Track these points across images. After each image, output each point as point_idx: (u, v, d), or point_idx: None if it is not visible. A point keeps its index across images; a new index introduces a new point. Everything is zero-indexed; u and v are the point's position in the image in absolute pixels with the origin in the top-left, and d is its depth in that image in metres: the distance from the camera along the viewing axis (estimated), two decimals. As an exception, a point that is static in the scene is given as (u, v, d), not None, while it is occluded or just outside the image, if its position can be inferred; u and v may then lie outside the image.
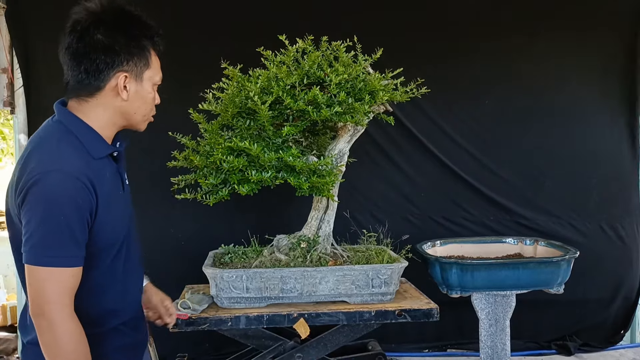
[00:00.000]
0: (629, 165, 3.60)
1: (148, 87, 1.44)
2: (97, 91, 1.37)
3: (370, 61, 2.35)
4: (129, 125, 1.48)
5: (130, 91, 1.39)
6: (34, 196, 1.25)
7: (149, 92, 1.45)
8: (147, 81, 1.43)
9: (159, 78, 1.48)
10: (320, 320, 2.25)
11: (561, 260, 2.53)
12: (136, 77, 1.40)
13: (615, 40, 3.53)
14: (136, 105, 1.43)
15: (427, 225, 3.46)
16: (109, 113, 1.40)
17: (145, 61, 1.42)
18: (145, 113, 1.47)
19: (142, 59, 1.41)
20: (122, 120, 1.44)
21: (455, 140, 3.45)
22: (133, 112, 1.43)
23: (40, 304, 1.25)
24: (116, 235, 1.45)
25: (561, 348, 3.49)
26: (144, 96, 1.44)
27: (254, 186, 2.17)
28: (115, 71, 1.36)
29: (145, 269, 1.68)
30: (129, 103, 1.41)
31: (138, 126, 1.50)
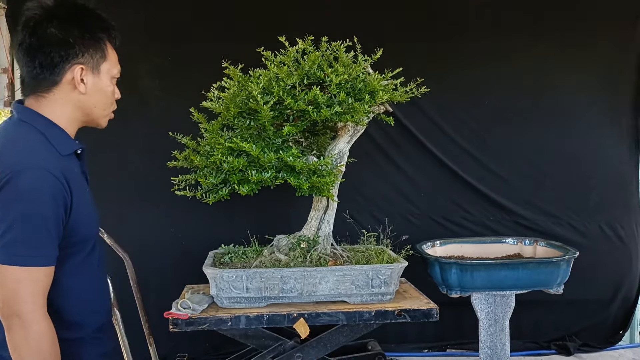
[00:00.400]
0: (628, 165, 3.60)
1: (106, 80, 1.43)
2: (54, 86, 1.36)
3: (370, 61, 2.35)
4: (89, 121, 1.47)
5: (87, 84, 1.38)
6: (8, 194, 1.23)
7: (108, 85, 1.44)
8: (104, 74, 1.42)
9: (117, 71, 1.47)
10: (320, 320, 2.25)
11: (561, 260, 2.54)
12: (93, 69, 1.39)
13: (615, 40, 3.53)
14: (95, 99, 1.42)
15: (427, 225, 3.46)
16: (69, 108, 1.39)
17: (101, 53, 1.41)
18: (105, 107, 1.46)
19: (98, 51, 1.40)
20: (82, 116, 1.43)
21: (455, 140, 3.45)
22: (93, 106, 1.42)
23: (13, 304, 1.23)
24: (90, 230, 1.44)
25: (561, 348, 3.50)
26: (103, 89, 1.43)
27: (254, 186, 2.17)
28: (71, 64, 1.35)
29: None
30: (87, 97, 1.40)
31: (99, 122, 1.49)
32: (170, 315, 2.22)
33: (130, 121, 3.28)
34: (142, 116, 3.29)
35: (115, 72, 1.45)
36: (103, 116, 1.47)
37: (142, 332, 2.50)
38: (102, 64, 1.41)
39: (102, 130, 3.59)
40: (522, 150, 3.50)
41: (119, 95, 1.50)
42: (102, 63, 1.41)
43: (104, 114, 1.47)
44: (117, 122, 3.34)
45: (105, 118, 1.49)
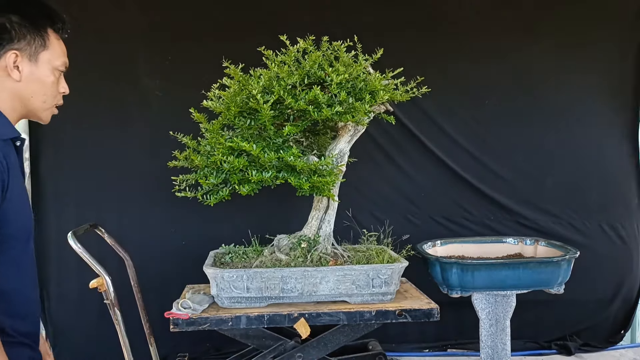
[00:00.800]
0: (629, 165, 3.60)
1: (45, 70, 1.37)
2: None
3: (371, 61, 2.35)
4: (29, 113, 1.40)
5: (23, 72, 1.33)
6: None
7: (47, 75, 1.37)
8: (44, 63, 1.36)
9: (60, 63, 1.40)
10: (320, 320, 2.25)
11: (561, 260, 2.53)
12: (30, 57, 1.34)
13: (615, 40, 3.53)
14: (32, 88, 1.36)
15: (428, 225, 3.46)
16: (5, 95, 1.34)
17: (41, 42, 1.35)
18: (44, 99, 1.39)
19: (37, 39, 1.35)
20: (20, 106, 1.37)
21: (456, 140, 3.45)
22: (30, 96, 1.36)
23: None
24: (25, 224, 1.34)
25: (561, 348, 3.49)
26: (41, 79, 1.37)
27: (254, 186, 2.17)
28: (5, 49, 1.31)
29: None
30: (23, 85, 1.34)
31: (39, 114, 1.41)
32: (170, 315, 2.22)
33: (131, 121, 3.29)
34: (142, 116, 3.30)
35: (58, 63, 1.39)
36: (43, 109, 1.40)
37: (142, 331, 2.50)
38: (42, 52, 1.36)
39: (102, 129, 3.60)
40: (523, 150, 3.50)
41: (65, 89, 1.45)
42: (41, 52, 1.36)
43: (43, 106, 1.40)
44: (117, 122, 3.38)
45: (46, 112, 1.42)
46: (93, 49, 3.26)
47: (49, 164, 3.29)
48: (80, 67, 3.26)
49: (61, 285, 3.28)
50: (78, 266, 3.02)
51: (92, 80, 3.28)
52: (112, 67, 3.29)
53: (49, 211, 3.28)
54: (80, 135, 3.28)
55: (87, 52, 3.27)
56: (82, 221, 2.59)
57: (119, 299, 2.19)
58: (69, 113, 3.29)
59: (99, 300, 2.17)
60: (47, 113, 1.42)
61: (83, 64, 3.27)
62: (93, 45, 3.27)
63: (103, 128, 3.28)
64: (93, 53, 3.26)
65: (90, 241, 2.35)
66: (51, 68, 1.38)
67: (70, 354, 3.28)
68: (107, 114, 3.28)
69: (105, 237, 2.47)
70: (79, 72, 3.26)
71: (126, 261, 2.47)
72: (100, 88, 3.29)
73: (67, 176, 3.29)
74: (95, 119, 3.28)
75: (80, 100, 3.29)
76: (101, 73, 3.28)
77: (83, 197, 3.26)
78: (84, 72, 3.28)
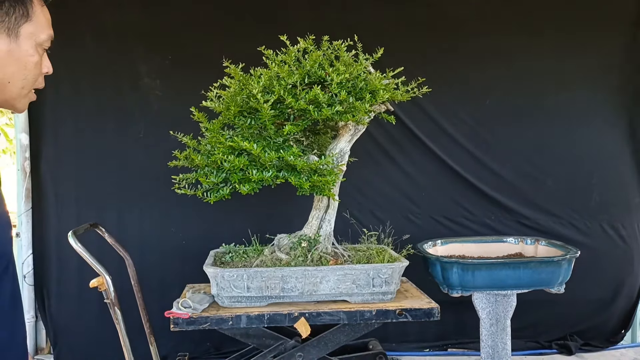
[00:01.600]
0: (629, 164, 3.59)
1: (28, 47, 1.07)
2: None
3: (371, 60, 2.35)
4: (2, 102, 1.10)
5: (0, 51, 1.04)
6: None
7: (30, 54, 1.08)
8: (25, 39, 1.07)
9: (46, 36, 1.11)
10: (321, 319, 2.25)
11: (562, 259, 2.53)
12: (9, 31, 1.04)
13: (615, 40, 3.53)
14: (9, 71, 1.06)
15: (428, 224, 3.46)
16: None
17: (23, 11, 1.06)
18: (23, 84, 1.09)
19: (17, 8, 1.05)
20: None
21: (456, 140, 3.45)
22: (6, 82, 1.06)
23: None
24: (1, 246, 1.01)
25: (562, 347, 3.49)
26: (21, 59, 1.07)
27: (255, 185, 2.17)
28: None
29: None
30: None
31: (14, 103, 1.10)
32: (171, 314, 2.22)
33: (131, 120, 3.29)
34: (142, 115, 3.30)
35: (43, 37, 1.10)
36: (20, 96, 1.09)
37: (143, 331, 2.50)
38: (24, 25, 1.06)
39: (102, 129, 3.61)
40: (523, 150, 3.50)
41: (49, 69, 1.15)
42: (22, 24, 1.06)
43: (21, 92, 1.09)
44: (118, 121, 3.38)
45: (24, 99, 1.11)
46: (93, 49, 3.27)
47: (49, 163, 3.29)
48: (80, 67, 3.28)
49: (61, 285, 3.28)
50: (78, 265, 3.03)
51: (93, 80, 3.28)
52: (112, 66, 3.29)
53: (49, 211, 3.29)
54: (81, 134, 3.28)
55: (87, 52, 3.28)
56: (82, 220, 2.59)
57: (119, 298, 2.19)
58: (70, 113, 3.33)
59: (99, 300, 2.17)
60: (25, 101, 1.12)
61: (83, 64, 3.28)
62: (93, 45, 3.27)
63: (103, 127, 3.28)
64: (93, 53, 3.27)
65: (91, 240, 2.35)
66: (35, 44, 1.09)
67: (71, 353, 3.28)
68: (107, 114, 3.28)
69: (105, 237, 2.47)
70: (79, 72, 3.29)
71: (126, 260, 2.47)
72: (100, 88, 3.29)
73: (67, 175, 3.29)
74: (96, 119, 3.28)
75: (80, 100, 3.30)
76: (101, 73, 3.29)
77: (83, 197, 3.26)
78: (84, 72, 3.29)
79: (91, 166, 3.27)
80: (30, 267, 3.34)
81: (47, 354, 3.44)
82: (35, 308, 3.38)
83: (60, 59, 3.30)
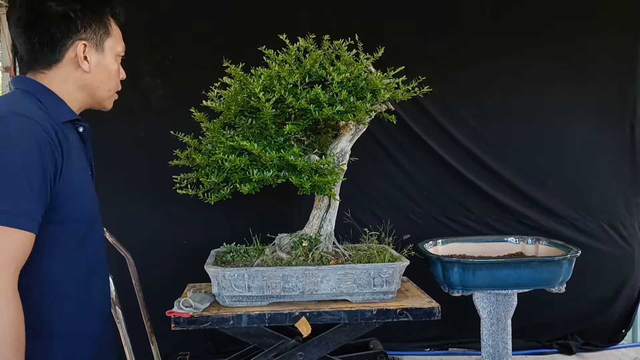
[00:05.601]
0: (630, 164, 3.59)
1: (110, 58, 1.34)
2: (55, 63, 1.26)
3: (372, 60, 2.35)
4: (93, 103, 1.37)
5: (91, 62, 1.29)
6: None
7: (112, 63, 1.34)
8: (109, 51, 1.33)
9: (121, 48, 1.37)
10: (321, 319, 2.25)
11: (563, 259, 2.53)
12: (97, 46, 1.30)
13: (616, 41, 3.52)
14: (99, 78, 1.32)
15: (429, 224, 3.46)
16: (70, 87, 1.28)
17: (105, 29, 1.31)
18: (110, 88, 1.36)
19: (101, 26, 1.30)
20: (85, 97, 1.33)
21: (457, 140, 3.45)
22: (97, 86, 1.32)
23: None
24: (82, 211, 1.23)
25: (563, 347, 3.49)
26: (107, 67, 1.33)
27: (255, 185, 2.17)
28: (73, 40, 1.26)
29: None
30: (91, 76, 1.30)
31: (103, 103, 1.39)
32: (172, 313, 2.22)
33: (132, 120, 3.29)
34: (143, 115, 3.30)
35: (119, 49, 1.36)
36: (107, 97, 1.38)
37: (144, 330, 2.50)
38: (106, 40, 1.32)
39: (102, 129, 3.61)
40: (524, 150, 3.50)
41: (124, 75, 1.42)
42: (105, 39, 1.31)
43: (108, 94, 1.37)
44: (118, 121, 3.39)
45: (110, 100, 1.39)
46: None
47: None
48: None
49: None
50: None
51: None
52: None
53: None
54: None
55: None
56: (83, 220, 2.59)
57: (120, 297, 2.20)
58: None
59: (100, 299, 2.17)
60: (111, 101, 1.40)
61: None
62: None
63: (104, 127, 3.26)
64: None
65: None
66: (114, 55, 1.35)
67: (72, 352, 3.28)
68: (108, 113, 3.26)
69: (106, 236, 2.47)
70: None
71: (127, 260, 2.47)
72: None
73: (68, 175, 3.29)
74: (96, 118, 3.26)
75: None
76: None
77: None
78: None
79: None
80: (31, 266, 3.34)
81: (48, 353, 3.44)
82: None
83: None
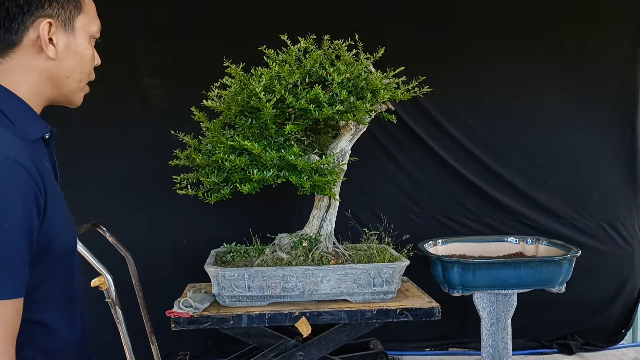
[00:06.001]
0: (630, 164, 3.59)
1: (83, 40, 1.06)
2: (12, 48, 0.99)
3: (372, 60, 2.35)
4: (59, 97, 1.09)
5: (58, 45, 1.02)
6: None
7: (85, 46, 1.07)
8: (80, 31, 1.05)
9: (96, 28, 1.10)
10: (321, 318, 2.25)
11: (563, 259, 2.53)
12: (65, 25, 1.03)
13: (616, 40, 3.52)
14: (68, 65, 1.05)
15: (429, 224, 3.46)
16: (33, 78, 1.02)
17: (75, 3, 1.04)
18: (81, 78, 1.09)
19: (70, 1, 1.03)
20: (50, 90, 1.06)
21: (457, 140, 3.45)
22: (65, 76, 1.05)
23: None
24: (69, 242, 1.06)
25: (563, 347, 3.49)
26: (79, 52, 1.06)
27: (255, 185, 2.17)
28: (34, 17, 0.99)
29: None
30: (58, 63, 1.03)
31: (72, 97, 1.10)
32: (172, 313, 2.22)
33: (132, 120, 3.29)
34: (143, 115, 3.30)
35: (94, 29, 1.09)
36: (78, 90, 1.10)
37: (144, 330, 2.50)
38: (77, 17, 1.04)
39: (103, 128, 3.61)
40: (524, 150, 3.49)
41: (98, 61, 1.16)
42: (76, 16, 1.04)
43: (79, 86, 1.09)
44: (118, 121, 3.39)
45: (81, 92, 1.12)
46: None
47: (50, 162, 3.29)
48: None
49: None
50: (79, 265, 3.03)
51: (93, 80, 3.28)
52: (112, 66, 3.26)
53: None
54: (81, 134, 3.27)
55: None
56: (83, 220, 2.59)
57: (120, 297, 2.19)
58: (70, 112, 3.32)
59: (101, 299, 2.17)
60: (81, 94, 1.13)
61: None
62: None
63: (104, 127, 3.28)
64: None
65: (92, 240, 2.35)
66: (88, 36, 1.08)
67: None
68: (108, 113, 3.28)
69: (106, 236, 2.47)
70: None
71: (127, 260, 2.47)
72: (101, 87, 3.29)
73: (68, 175, 3.25)
74: (96, 118, 3.28)
75: (81, 99, 3.30)
76: (102, 72, 3.26)
77: (84, 196, 3.26)
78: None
79: (92, 165, 3.26)
80: (31, 266, 3.34)
81: (48, 353, 3.44)
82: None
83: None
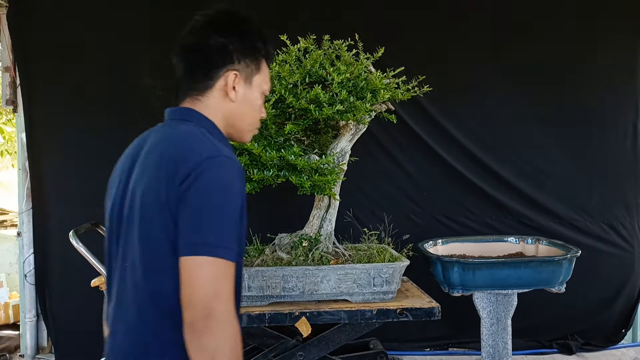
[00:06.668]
0: (630, 164, 3.59)
1: (257, 93, 1.38)
2: (207, 90, 1.35)
3: (372, 60, 2.35)
4: (235, 133, 1.40)
5: (238, 92, 1.34)
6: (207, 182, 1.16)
7: (257, 98, 1.39)
8: (256, 87, 1.38)
9: (267, 87, 1.42)
10: (321, 318, 2.25)
11: (563, 259, 2.53)
12: (245, 79, 1.35)
13: (617, 40, 3.52)
14: (243, 110, 1.37)
15: (429, 224, 3.46)
16: (219, 115, 1.35)
17: (256, 65, 1.37)
18: (252, 122, 1.40)
19: (253, 62, 1.37)
20: (226, 126, 1.37)
21: (457, 140, 3.45)
22: (240, 119, 1.37)
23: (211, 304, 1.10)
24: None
25: (563, 347, 3.49)
26: (252, 102, 1.38)
27: (255, 185, 2.17)
28: (226, 69, 1.33)
29: None
30: (236, 106, 1.35)
31: (242, 135, 1.41)
32: (172, 313, 2.22)
33: (132, 120, 3.28)
34: (143, 115, 3.28)
35: (266, 88, 1.41)
36: (248, 130, 1.42)
37: (144, 330, 2.50)
38: (255, 75, 1.37)
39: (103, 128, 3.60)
40: (524, 150, 3.50)
41: (264, 114, 1.45)
42: (255, 75, 1.37)
43: (249, 128, 1.41)
44: (119, 121, 3.38)
45: (250, 133, 1.43)
46: (94, 49, 3.27)
47: (50, 162, 3.29)
48: (81, 66, 3.29)
49: (63, 284, 3.29)
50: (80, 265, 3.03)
51: (93, 80, 3.28)
52: (112, 66, 3.29)
53: (50, 210, 3.29)
54: (82, 134, 3.28)
55: (88, 51, 3.28)
56: (83, 220, 2.59)
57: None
58: (70, 112, 3.32)
59: (101, 299, 2.17)
60: (250, 135, 1.43)
61: (84, 64, 3.28)
62: (94, 45, 3.27)
63: (104, 127, 3.28)
64: (94, 52, 3.27)
65: (92, 240, 2.35)
66: (260, 92, 1.39)
67: (72, 352, 3.29)
68: (108, 113, 3.28)
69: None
70: (80, 72, 3.29)
71: (128, 260, 2.47)
72: (101, 87, 3.29)
73: (68, 175, 3.29)
74: (97, 118, 3.28)
75: (81, 100, 3.30)
76: (102, 72, 3.29)
77: (84, 196, 3.26)
78: (85, 71, 3.29)
79: (92, 165, 3.26)
80: (32, 266, 3.35)
81: (49, 353, 3.45)
82: (36, 307, 3.39)
83: (61, 59, 3.33)
